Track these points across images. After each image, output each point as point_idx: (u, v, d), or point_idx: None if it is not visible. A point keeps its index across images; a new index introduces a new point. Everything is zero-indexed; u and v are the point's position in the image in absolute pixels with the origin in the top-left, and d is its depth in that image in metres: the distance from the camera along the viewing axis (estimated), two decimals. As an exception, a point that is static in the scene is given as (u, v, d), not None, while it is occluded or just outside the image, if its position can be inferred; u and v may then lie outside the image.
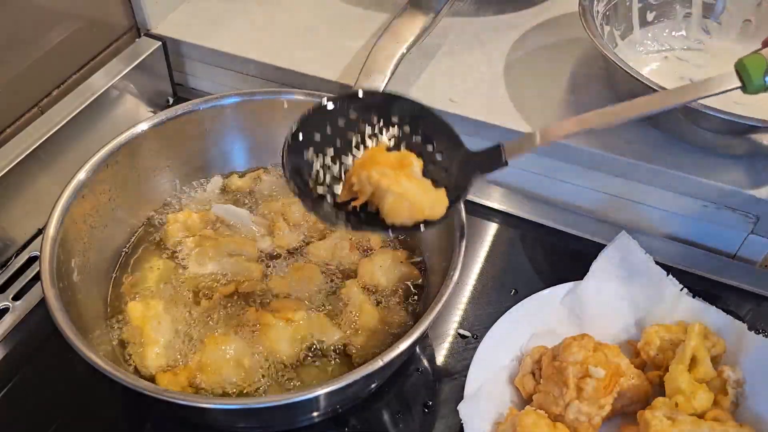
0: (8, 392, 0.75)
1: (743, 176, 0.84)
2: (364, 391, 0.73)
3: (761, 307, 0.84)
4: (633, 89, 0.85)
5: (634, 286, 0.80)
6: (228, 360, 0.70)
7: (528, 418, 0.68)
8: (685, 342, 0.72)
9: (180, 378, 0.70)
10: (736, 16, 1.01)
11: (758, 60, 0.64)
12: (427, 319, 0.64)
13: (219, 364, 0.70)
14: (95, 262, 0.77)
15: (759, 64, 0.64)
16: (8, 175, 0.82)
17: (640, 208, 0.91)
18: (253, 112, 0.87)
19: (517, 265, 0.88)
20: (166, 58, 1.04)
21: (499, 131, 0.91)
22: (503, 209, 0.94)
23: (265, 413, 0.66)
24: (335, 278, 0.80)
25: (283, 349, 0.72)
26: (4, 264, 0.85)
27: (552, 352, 0.73)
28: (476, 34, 1.05)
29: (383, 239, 0.83)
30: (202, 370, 0.70)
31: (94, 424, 0.74)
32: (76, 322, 0.65)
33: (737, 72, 0.64)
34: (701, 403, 0.69)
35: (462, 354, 0.79)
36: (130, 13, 1.02)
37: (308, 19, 1.07)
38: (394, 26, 0.92)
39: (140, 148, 0.82)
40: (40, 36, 0.89)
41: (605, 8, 0.95)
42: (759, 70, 0.64)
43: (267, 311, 0.75)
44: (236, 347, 0.71)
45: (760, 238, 0.87)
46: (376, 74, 0.87)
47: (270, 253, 0.82)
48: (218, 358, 0.70)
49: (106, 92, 0.95)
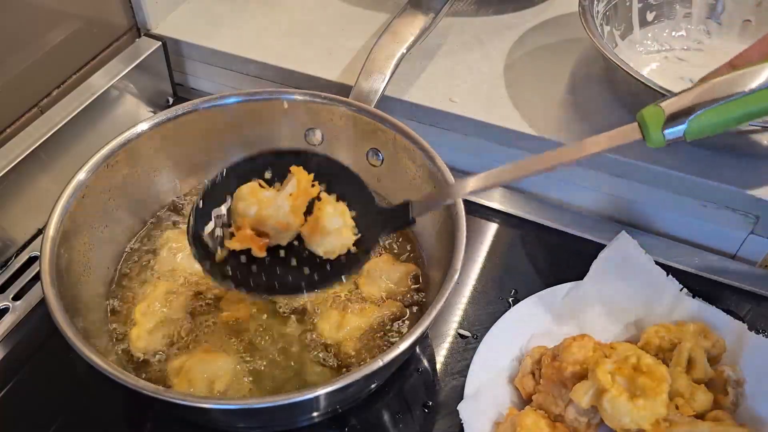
0: (8, 392, 0.75)
1: (743, 176, 0.84)
2: (364, 391, 0.73)
3: (761, 307, 0.84)
4: (633, 89, 0.85)
5: (634, 286, 0.80)
6: (204, 378, 0.70)
7: (528, 418, 0.68)
8: (681, 344, 0.72)
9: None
10: (736, 16, 1.01)
11: (656, 113, 0.59)
12: (427, 319, 0.64)
13: (193, 377, 0.70)
14: (95, 262, 0.77)
15: (657, 118, 0.59)
16: (8, 175, 0.82)
17: (640, 208, 0.91)
18: (253, 112, 0.87)
19: (517, 265, 0.88)
20: (166, 58, 1.04)
21: (499, 131, 0.91)
22: (503, 209, 0.94)
23: (265, 413, 0.66)
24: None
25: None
26: (4, 264, 0.85)
27: (552, 352, 0.73)
28: (476, 34, 1.05)
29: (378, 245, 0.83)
30: (179, 374, 0.71)
31: (94, 424, 0.74)
32: (76, 322, 0.65)
33: (639, 124, 0.60)
34: (701, 403, 0.69)
35: (462, 354, 0.79)
36: (130, 13, 1.02)
37: (308, 19, 1.07)
38: (394, 26, 0.92)
39: (140, 148, 0.81)
40: (40, 36, 0.89)
41: (605, 8, 0.95)
42: (657, 123, 0.59)
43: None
44: (215, 368, 0.71)
45: (760, 238, 0.87)
46: (376, 74, 0.87)
47: None
48: (196, 372, 0.70)
49: (106, 92, 0.95)
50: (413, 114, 0.95)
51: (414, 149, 0.80)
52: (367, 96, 0.86)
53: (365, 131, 0.84)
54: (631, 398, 0.65)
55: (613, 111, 0.92)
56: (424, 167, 0.79)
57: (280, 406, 0.62)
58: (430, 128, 0.95)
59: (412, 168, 0.81)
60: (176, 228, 0.85)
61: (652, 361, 0.67)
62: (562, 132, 0.90)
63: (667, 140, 0.59)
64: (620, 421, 0.65)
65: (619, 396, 0.65)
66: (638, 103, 0.88)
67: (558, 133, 0.90)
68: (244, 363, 0.73)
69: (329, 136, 0.88)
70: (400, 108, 0.94)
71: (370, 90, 0.86)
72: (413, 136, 0.80)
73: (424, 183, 0.80)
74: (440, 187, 0.66)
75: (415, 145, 0.79)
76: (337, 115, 0.85)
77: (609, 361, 0.68)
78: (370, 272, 0.79)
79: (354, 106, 0.84)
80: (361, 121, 0.84)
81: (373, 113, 0.83)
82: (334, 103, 0.84)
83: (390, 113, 0.82)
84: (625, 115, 0.91)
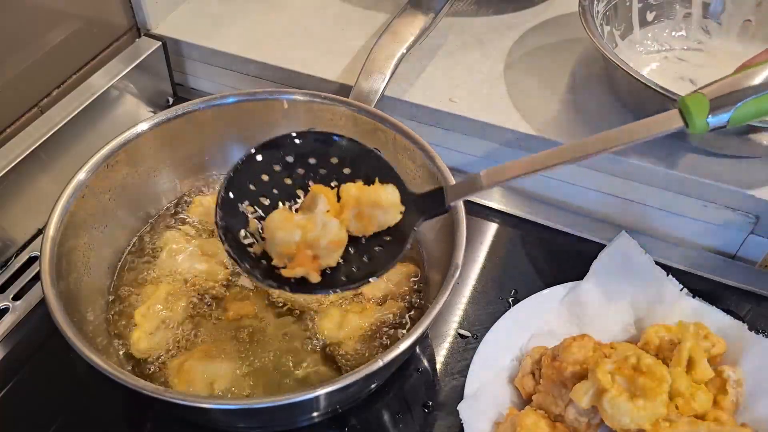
0: (8, 392, 0.75)
1: (743, 176, 0.84)
2: (364, 391, 0.73)
3: (761, 307, 0.84)
4: (633, 89, 0.85)
5: (634, 286, 0.80)
6: (204, 378, 0.70)
7: (528, 418, 0.68)
8: (681, 344, 0.72)
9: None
10: (736, 16, 1.01)
11: (700, 100, 0.60)
12: (427, 319, 0.64)
13: (193, 377, 0.70)
14: (95, 262, 0.77)
15: (701, 105, 0.60)
16: (8, 175, 0.82)
17: (640, 208, 0.91)
18: (253, 112, 0.87)
19: (517, 265, 0.88)
20: (166, 58, 1.04)
21: (499, 131, 0.91)
22: (503, 209, 0.94)
23: (265, 413, 0.66)
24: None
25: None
26: (4, 264, 0.85)
27: (552, 352, 0.73)
28: (476, 34, 1.05)
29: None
30: (178, 374, 0.71)
31: (94, 424, 0.74)
32: (76, 322, 0.65)
33: (680, 112, 0.61)
34: (701, 404, 0.69)
35: (462, 354, 0.79)
36: (130, 13, 1.02)
37: (308, 19, 1.07)
38: (394, 26, 0.92)
39: (140, 148, 0.81)
40: (40, 36, 0.89)
41: (605, 8, 0.95)
42: (701, 111, 0.60)
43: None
44: (215, 368, 0.71)
45: (760, 238, 0.87)
46: (376, 74, 0.87)
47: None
48: (196, 372, 0.70)
49: (106, 92, 0.95)
50: (413, 114, 0.95)
51: (414, 149, 0.80)
52: (367, 96, 0.86)
53: (365, 131, 0.84)
54: (631, 398, 0.65)
55: (613, 111, 0.92)
56: (424, 167, 0.79)
57: (280, 406, 0.62)
58: (430, 128, 0.95)
59: (412, 168, 0.81)
60: (176, 228, 0.85)
61: (652, 361, 0.67)
62: (562, 132, 0.90)
63: (711, 127, 0.60)
64: (620, 421, 0.65)
65: (619, 396, 0.65)
66: (638, 103, 0.88)
67: (558, 133, 0.90)
68: (244, 363, 0.73)
69: (329, 136, 0.88)
70: (400, 108, 0.95)
71: (370, 90, 0.86)
72: (413, 136, 0.80)
73: (424, 183, 0.80)
74: (470, 176, 0.65)
75: (415, 145, 0.79)
76: (337, 115, 0.85)
77: (609, 361, 0.68)
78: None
79: (354, 106, 0.84)
80: (361, 121, 0.84)
81: (373, 113, 0.83)
82: (334, 103, 0.84)
83: (390, 113, 0.82)
84: (625, 115, 0.91)
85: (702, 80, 0.96)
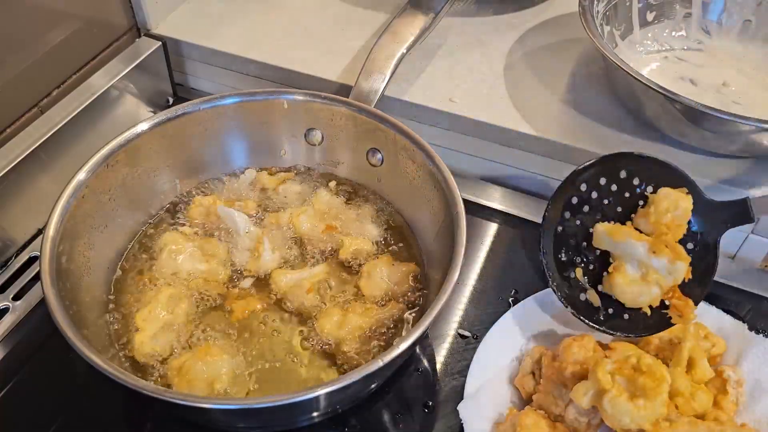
0: (8, 392, 0.75)
1: (743, 176, 0.84)
2: (364, 391, 0.73)
3: (761, 307, 0.84)
4: (633, 89, 0.85)
5: (634, 286, 0.80)
6: (204, 378, 0.70)
7: (528, 418, 0.68)
8: (681, 344, 0.72)
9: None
10: (736, 16, 1.01)
11: None
12: (427, 319, 0.64)
13: (193, 377, 0.70)
14: (95, 262, 0.77)
15: None
16: (8, 175, 0.82)
17: (640, 208, 0.91)
18: (253, 112, 0.87)
19: (517, 265, 0.88)
20: (166, 58, 1.04)
21: (499, 131, 0.91)
22: (503, 209, 0.94)
23: (265, 413, 0.66)
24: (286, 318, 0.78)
25: None
26: (4, 264, 0.85)
27: (552, 352, 0.73)
28: (476, 34, 1.05)
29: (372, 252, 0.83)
30: (179, 374, 0.70)
31: (94, 424, 0.74)
32: (76, 322, 0.65)
33: None
34: (701, 404, 0.69)
35: (462, 354, 0.79)
36: (130, 13, 1.02)
37: (308, 19, 1.07)
38: (394, 26, 0.92)
39: (140, 148, 0.81)
40: (40, 36, 0.89)
41: (605, 8, 0.95)
42: None
43: None
44: (215, 368, 0.71)
45: (760, 238, 0.87)
46: (376, 74, 0.87)
47: (238, 269, 0.81)
48: (197, 372, 0.70)
49: (106, 92, 0.95)
50: (413, 114, 0.95)
51: (414, 149, 0.80)
52: (367, 96, 0.86)
53: (365, 131, 0.84)
54: (631, 398, 0.65)
55: (613, 111, 0.92)
56: (424, 167, 0.79)
57: (280, 406, 0.62)
58: (430, 128, 0.95)
59: (412, 168, 0.81)
60: (176, 229, 0.85)
61: (652, 361, 0.67)
62: (562, 132, 0.90)
63: None
64: (620, 421, 0.65)
65: (619, 396, 0.65)
66: (638, 103, 0.88)
67: (558, 133, 0.90)
68: (245, 363, 0.73)
69: (329, 136, 0.88)
70: (400, 108, 0.95)
71: (370, 90, 0.86)
72: (413, 136, 0.80)
73: (424, 183, 0.80)
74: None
75: (415, 145, 0.79)
76: (337, 115, 0.85)
77: (609, 361, 0.68)
78: (370, 273, 0.79)
79: (354, 106, 0.84)
80: (361, 121, 0.84)
81: (373, 113, 0.83)
82: (334, 103, 0.85)
83: (390, 113, 0.83)
84: (625, 115, 0.91)
85: (702, 80, 0.97)
